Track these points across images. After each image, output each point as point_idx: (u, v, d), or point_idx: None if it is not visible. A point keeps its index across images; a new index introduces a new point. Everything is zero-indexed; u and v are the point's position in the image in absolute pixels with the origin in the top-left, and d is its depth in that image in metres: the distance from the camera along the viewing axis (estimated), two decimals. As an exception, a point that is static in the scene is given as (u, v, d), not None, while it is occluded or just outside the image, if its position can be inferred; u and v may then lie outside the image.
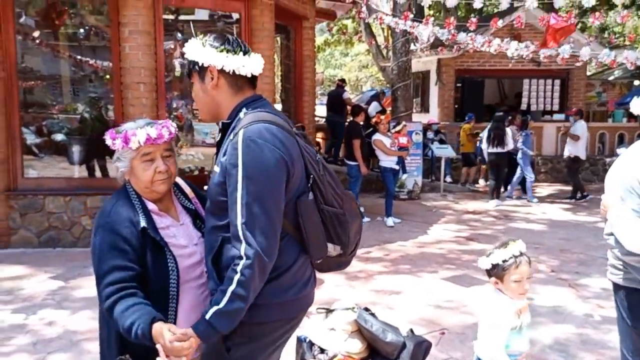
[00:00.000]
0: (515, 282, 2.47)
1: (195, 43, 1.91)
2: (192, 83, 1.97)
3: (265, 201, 1.73)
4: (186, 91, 9.04)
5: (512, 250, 2.49)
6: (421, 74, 14.87)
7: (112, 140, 1.96)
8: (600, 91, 18.97)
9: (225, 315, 1.72)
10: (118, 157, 1.99)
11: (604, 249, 6.65)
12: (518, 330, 2.50)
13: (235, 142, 1.76)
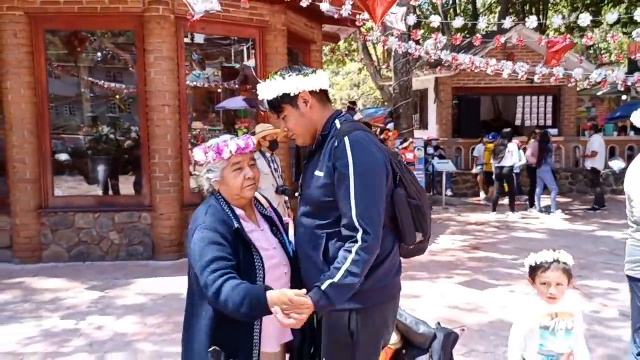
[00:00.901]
0: (542, 284, 2.61)
1: (274, 82, 2.13)
2: (284, 117, 2.18)
3: (374, 195, 2.04)
4: (202, 112, 9.52)
5: (547, 256, 2.62)
6: (420, 92, 15.42)
7: (204, 153, 2.14)
8: (590, 106, 19.64)
9: (338, 289, 1.94)
10: (210, 169, 2.16)
11: (603, 255, 7.18)
12: (552, 331, 2.59)
13: (343, 147, 2.04)
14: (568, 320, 2.61)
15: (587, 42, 8.00)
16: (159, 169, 7.18)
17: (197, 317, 2.10)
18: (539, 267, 2.62)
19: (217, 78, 10.58)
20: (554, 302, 2.60)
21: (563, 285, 2.59)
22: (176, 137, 7.27)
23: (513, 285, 5.99)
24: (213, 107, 10.43)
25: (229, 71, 10.51)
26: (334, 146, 2.08)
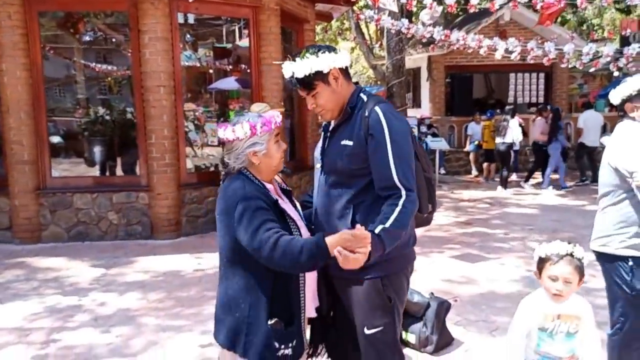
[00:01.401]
0: (549, 278, 2.39)
1: (307, 60, 2.17)
2: (315, 93, 2.23)
3: (408, 159, 2.19)
4: (194, 92, 9.56)
5: (559, 248, 2.40)
6: (412, 71, 15.48)
7: (251, 127, 2.11)
8: (582, 83, 19.72)
9: (389, 234, 2.05)
10: (256, 142, 2.13)
11: (591, 228, 7.33)
12: (549, 334, 2.40)
13: (376, 116, 2.17)
14: (571, 324, 2.40)
15: (582, 3, 7.98)
16: (155, 149, 7.25)
17: (250, 292, 2.09)
18: (548, 259, 2.40)
19: (208, 58, 10.60)
20: (559, 301, 2.39)
21: (572, 283, 2.36)
22: (172, 118, 7.34)
23: (503, 258, 6.16)
24: (205, 88, 10.48)
25: (221, 51, 10.53)
26: (364, 116, 2.21)
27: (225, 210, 2.08)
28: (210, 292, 5.17)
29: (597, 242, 3.07)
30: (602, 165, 3.08)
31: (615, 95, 3.07)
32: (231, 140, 2.13)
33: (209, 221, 7.68)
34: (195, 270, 5.92)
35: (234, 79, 10.00)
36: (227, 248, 2.12)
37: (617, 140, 2.99)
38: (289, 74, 2.22)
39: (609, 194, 3.02)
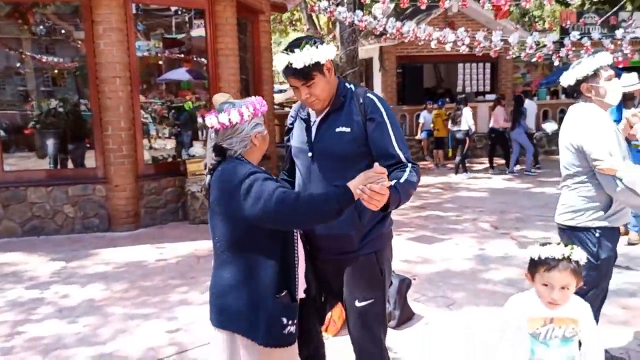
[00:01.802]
0: (543, 285, 2.17)
1: (307, 51, 2.22)
2: (312, 84, 2.27)
3: (403, 137, 2.41)
4: (145, 83, 9.46)
5: (555, 251, 2.15)
6: (365, 61, 15.71)
7: (254, 109, 2.15)
8: (525, 72, 20.50)
9: (404, 187, 2.18)
10: (258, 123, 2.19)
11: (536, 208, 7.75)
12: (543, 339, 2.19)
13: (372, 102, 2.35)
14: (567, 327, 2.18)
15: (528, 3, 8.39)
16: (112, 140, 7.20)
17: (256, 273, 2.12)
18: (542, 263, 2.16)
19: (158, 49, 10.48)
20: (554, 309, 2.17)
21: (569, 289, 2.15)
22: (128, 109, 7.29)
23: (456, 238, 6.46)
24: (154, 79, 10.36)
25: (171, 42, 10.42)
26: (359, 103, 2.37)
27: (227, 193, 2.07)
28: (174, 281, 5.24)
29: (564, 217, 3.19)
30: (563, 147, 3.19)
31: (570, 77, 3.14)
32: (234, 124, 2.12)
33: (168, 212, 7.70)
34: (158, 260, 5.95)
35: (185, 70, 9.95)
36: (228, 234, 2.13)
37: (576, 123, 3.11)
38: (285, 64, 2.26)
39: (574, 175, 3.14)
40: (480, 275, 5.19)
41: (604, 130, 2.98)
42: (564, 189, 3.25)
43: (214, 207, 2.16)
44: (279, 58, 2.29)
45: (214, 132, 2.16)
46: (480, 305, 4.44)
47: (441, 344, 3.76)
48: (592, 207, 3.07)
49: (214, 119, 2.12)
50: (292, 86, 2.35)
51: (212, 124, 2.13)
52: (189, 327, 4.15)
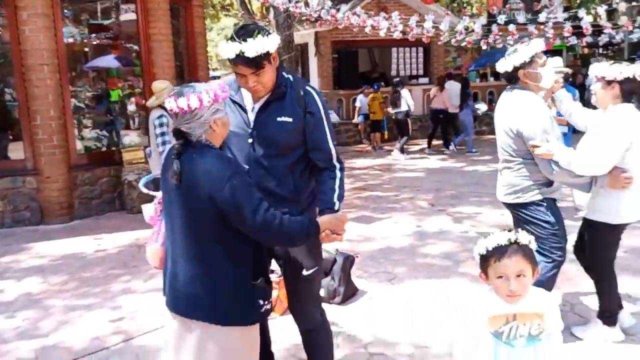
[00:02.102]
0: (498, 278, 1.99)
1: (260, 40, 2.25)
2: (261, 72, 2.31)
3: (334, 134, 2.57)
4: (82, 71, 9.13)
5: (500, 238, 2.01)
6: (300, 47, 15.73)
7: (214, 95, 2.10)
8: (456, 56, 21.15)
9: (340, 198, 2.50)
10: (218, 109, 2.14)
11: (469, 185, 8.06)
12: (506, 339, 2.02)
13: (311, 96, 2.47)
14: (532, 323, 2.01)
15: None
16: (41, 130, 6.93)
17: (230, 258, 2.13)
18: (491, 255, 2.01)
19: (85, 35, 10.10)
20: (517, 301, 2.00)
21: (526, 276, 1.98)
22: (57, 97, 7.04)
23: (395, 217, 6.66)
24: (83, 67, 9.99)
25: (99, 28, 10.05)
26: (300, 95, 2.46)
27: (206, 185, 2.04)
28: (115, 271, 5.15)
29: (510, 197, 3.33)
30: (501, 131, 3.31)
31: (507, 64, 3.25)
32: (194, 109, 2.07)
33: (104, 202, 7.51)
34: (97, 251, 5.82)
35: (114, 57, 9.64)
36: (203, 224, 2.09)
37: (514, 109, 3.23)
38: (236, 52, 2.26)
39: (513, 157, 3.27)
40: (418, 250, 5.39)
41: (540, 117, 3.14)
42: (504, 171, 3.37)
43: (186, 197, 2.09)
44: (229, 46, 2.28)
45: (174, 115, 2.13)
46: (419, 278, 4.62)
47: (384, 316, 3.91)
48: (535, 184, 3.25)
49: (172, 102, 2.09)
50: (239, 74, 2.35)
51: (172, 108, 2.10)
52: (134, 315, 4.12)
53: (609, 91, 3.25)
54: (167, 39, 8.01)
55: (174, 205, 2.15)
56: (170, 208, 2.19)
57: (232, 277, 2.12)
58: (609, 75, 3.22)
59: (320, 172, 2.56)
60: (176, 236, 2.16)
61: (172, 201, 2.16)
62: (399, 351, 3.40)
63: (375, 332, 3.65)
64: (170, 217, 2.19)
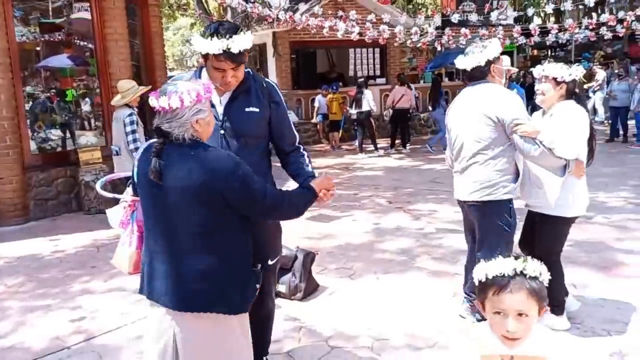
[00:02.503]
0: (495, 313, 1.67)
1: (244, 37, 2.39)
2: (238, 67, 2.45)
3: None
4: (35, 71, 8.92)
5: (504, 267, 1.67)
6: (258, 47, 15.74)
7: (197, 96, 2.10)
8: (411, 57, 21.55)
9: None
10: (200, 109, 2.13)
11: (426, 184, 8.27)
12: None
13: (273, 87, 2.70)
14: None
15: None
16: (-6, 131, 6.78)
17: (235, 247, 2.21)
18: (490, 285, 1.67)
19: (37, 34, 9.87)
20: (513, 345, 1.67)
21: (528, 316, 1.64)
22: (10, 97, 6.91)
23: (354, 215, 6.81)
24: (35, 66, 9.77)
25: (50, 27, 9.84)
26: (263, 87, 2.64)
27: (211, 181, 2.08)
28: (75, 271, 5.11)
29: (481, 193, 3.36)
30: (475, 123, 3.33)
31: (480, 59, 3.34)
32: (175, 108, 2.08)
33: (60, 203, 7.39)
34: (54, 252, 5.74)
35: (67, 56, 9.46)
36: (203, 219, 2.12)
37: (494, 97, 3.32)
38: (223, 48, 2.34)
39: (487, 149, 3.33)
40: (376, 246, 5.54)
41: (519, 101, 3.38)
42: (472, 166, 3.40)
43: (180, 194, 2.10)
44: (212, 42, 2.35)
45: (157, 113, 2.14)
46: (377, 273, 4.76)
47: (345, 311, 4.02)
48: (506, 180, 3.36)
49: (154, 100, 2.11)
50: (218, 69, 2.43)
51: (153, 105, 2.12)
52: (95, 315, 4.11)
53: (558, 91, 3.45)
54: (123, 38, 7.93)
55: (159, 204, 2.15)
56: (153, 208, 2.18)
57: (239, 266, 2.23)
58: (559, 76, 3.41)
59: (286, 156, 2.80)
60: (172, 235, 2.15)
61: (156, 201, 2.15)
62: (359, 344, 3.51)
63: (335, 326, 3.75)
64: (156, 217, 2.18)
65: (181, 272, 2.15)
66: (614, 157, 9.82)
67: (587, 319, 3.66)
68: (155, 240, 2.20)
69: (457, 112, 3.51)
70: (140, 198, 2.30)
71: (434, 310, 3.94)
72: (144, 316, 2.83)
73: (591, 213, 6.12)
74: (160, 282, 2.18)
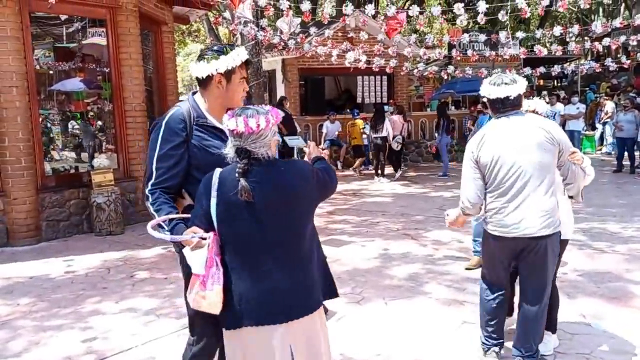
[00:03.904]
0: None
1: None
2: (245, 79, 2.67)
3: None
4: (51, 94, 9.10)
5: None
6: (268, 73, 16.00)
7: (275, 118, 2.25)
8: (418, 85, 21.78)
9: None
10: (276, 131, 2.32)
11: (434, 211, 8.30)
12: None
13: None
14: None
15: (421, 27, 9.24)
16: (9, 152, 6.92)
17: (311, 255, 2.33)
18: None
19: (54, 58, 10.10)
20: None
21: None
22: (27, 120, 7.05)
23: (363, 240, 6.85)
24: (52, 89, 9.97)
25: (63, 51, 10.08)
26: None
27: (307, 185, 2.28)
28: (86, 292, 5.16)
29: (551, 224, 3.15)
30: (535, 151, 3.13)
31: (514, 90, 3.19)
32: (260, 129, 2.19)
33: (72, 224, 7.48)
34: (66, 272, 5.81)
35: (79, 80, 9.67)
36: (302, 222, 2.31)
37: (547, 124, 3.21)
38: (246, 58, 2.58)
39: (547, 177, 3.15)
40: (385, 272, 5.57)
41: None
42: (535, 197, 3.14)
43: (297, 201, 2.25)
44: (238, 53, 2.53)
45: (238, 136, 2.20)
46: (386, 298, 4.79)
47: (353, 336, 4.04)
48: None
49: (241, 123, 2.18)
50: (244, 78, 2.63)
51: (239, 129, 2.18)
52: (106, 336, 4.15)
53: None
54: (137, 63, 8.12)
55: (254, 223, 2.20)
56: (249, 230, 2.21)
57: (322, 258, 2.43)
58: (539, 109, 3.65)
59: None
60: (269, 250, 2.22)
61: (251, 221, 2.20)
62: (368, 368, 3.54)
63: (344, 351, 3.76)
64: (252, 237, 2.21)
65: (275, 288, 2.22)
66: (622, 188, 9.85)
67: (597, 350, 3.67)
68: (258, 260, 2.23)
69: (507, 143, 3.17)
70: (224, 227, 2.24)
71: (442, 338, 3.96)
72: (155, 337, 2.88)
73: (600, 243, 6.17)
74: (277, 298, 2.22)
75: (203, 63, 2.51)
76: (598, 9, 28.37)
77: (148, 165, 2.55)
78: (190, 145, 2.53)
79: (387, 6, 8.83)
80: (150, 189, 2.51)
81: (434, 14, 9.42)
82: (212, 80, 2.54)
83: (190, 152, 2.53)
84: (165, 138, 2.52)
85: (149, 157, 2.56)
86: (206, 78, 2.53)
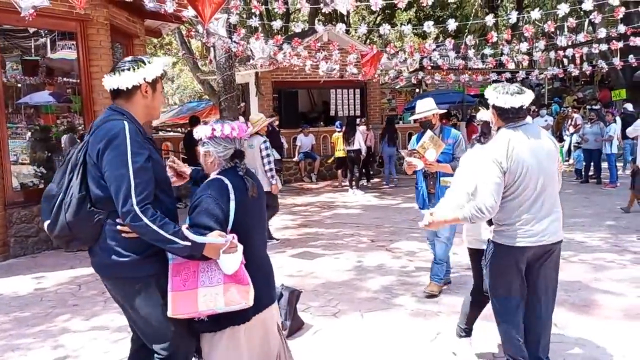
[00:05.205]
0: None
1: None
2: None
3: None
4: (18, 108, 8.93)
5: None
6: (241, 86, 15.97)
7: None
8: (391, 98, 22.07)
9: None
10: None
11: (407, 222, 8.35)
12: None
13: None
14: None
15: (390, 50, 9.42)
16: (-25, 167, 6.75)
17: None
18: None
19: (22, 72, 9.92)
20: None
21: None
22: (-7, 133, 6.89)
23: (337, 252, 6.86)
24: (19, 103, 9.79)
25: (31, 64, 9.91)
26: None
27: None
28: (56, 309, 5.05)
29: (561, 230, 3.32)
30: (548, 160, 3.21)
31: (522, 101, 3.19)
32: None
33: (41, 240, 7.32)
34: (36, 289, 5.67)
35: (48, 93, 9.52)
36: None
37: (549, 135, 3.36)
38: (164, 67, 2.64)
39: (556, 186, 3.31)
40: (360, 284, 5.58)
41: None
42: (552, 206, 3.26)
43: (261, 199, 2.72)
44: (157, 63, 2.58)
45: (229, 140, 2.61)
46: (361, 311, 4.81)
47: (330, 350, 4.04)
48: None
49: (236, 128, 2.61)
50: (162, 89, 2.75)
51: (235, 133, 2.60)
52: (78, 354, 4.07)
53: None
54: (109, 77, 8.01)
55: (254, 218, 2.65)
56: (248, 225, 2.59)
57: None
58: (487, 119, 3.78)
59: None
60: (265, 242, 2.83)
61: (253, 216, 2.64)
62: (344, 381, 3.54)
63: (321, 364, 3.78)
64: (250, 231, 2.59)
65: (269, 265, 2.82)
66: (589, 198, 10.08)
67: (569, 358, 3.74)
68: (260, 250, 2.72)
69: (532, 154, 3.18)
70: (238, 225, 2.52)
71: (418, 349, 3.99)
72: (127, 355, 2.84)
73: (569, 253, 6.30)
74: (271, 282, 2.77)
75: (128, 73, 2.45)
76: (563, 25, 29.08)
77: (122, 183, 2.33)
78: (152, 160, 2.46)
79: (360, 25, 8.94)
80: (139, 206, 2.30)
81: (405, 32, 9.58)
82: (137, 90, 2.50)
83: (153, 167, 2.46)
84: (134, 151, 2.37)
85: (119, 174, 2.34)
86: (132, 88, 2.48)
